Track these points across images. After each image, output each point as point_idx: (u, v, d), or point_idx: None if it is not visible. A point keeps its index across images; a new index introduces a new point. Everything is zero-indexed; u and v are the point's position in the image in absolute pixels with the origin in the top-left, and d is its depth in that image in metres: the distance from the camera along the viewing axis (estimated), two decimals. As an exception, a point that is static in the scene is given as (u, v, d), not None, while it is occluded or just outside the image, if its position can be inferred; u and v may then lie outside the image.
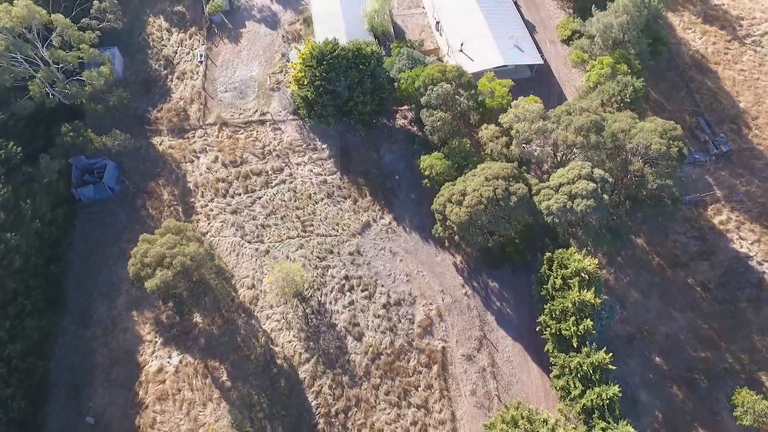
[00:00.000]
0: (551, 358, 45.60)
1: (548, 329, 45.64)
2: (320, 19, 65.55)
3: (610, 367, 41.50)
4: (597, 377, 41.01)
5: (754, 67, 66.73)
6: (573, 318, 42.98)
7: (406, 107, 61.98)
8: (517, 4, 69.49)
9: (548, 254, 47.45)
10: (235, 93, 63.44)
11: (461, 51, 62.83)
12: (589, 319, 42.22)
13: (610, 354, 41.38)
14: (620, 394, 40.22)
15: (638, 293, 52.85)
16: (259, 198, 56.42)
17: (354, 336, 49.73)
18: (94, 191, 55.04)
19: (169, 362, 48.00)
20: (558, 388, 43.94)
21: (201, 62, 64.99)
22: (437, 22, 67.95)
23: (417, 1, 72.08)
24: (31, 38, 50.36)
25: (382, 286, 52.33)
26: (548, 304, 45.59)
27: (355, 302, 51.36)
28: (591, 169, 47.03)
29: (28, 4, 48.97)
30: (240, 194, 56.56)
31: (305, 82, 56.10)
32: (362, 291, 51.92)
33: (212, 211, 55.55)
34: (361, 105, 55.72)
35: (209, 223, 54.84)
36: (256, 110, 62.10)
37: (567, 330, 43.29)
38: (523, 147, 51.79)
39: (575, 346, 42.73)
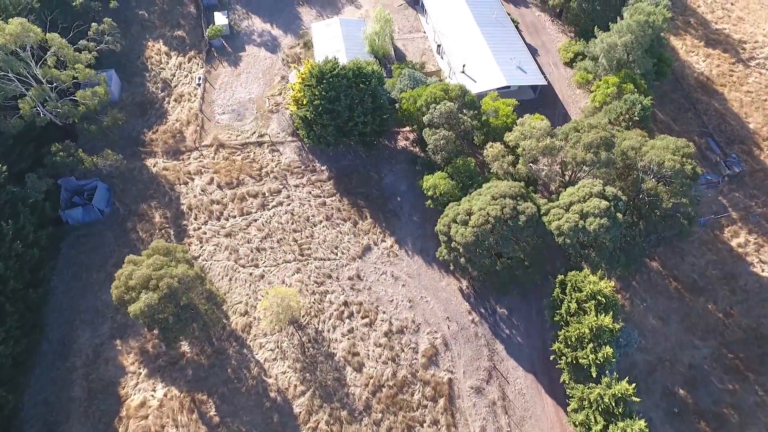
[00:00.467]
0: (568, 390, 41.99)
1: (563, 358, 42.25)
2: (321, 42, 65.06)
3: (634, 399, 37.90)
4: (620, 411, 37.37)
5: (761, 89, 65.75)
6: (591, 345, 39.69)
7: (407, 128, 60.50)
8: (518, 29, 69.16)
9: (561, 277, 44.60)
10: (233, 115, 62.11)
11: (463, 72, 61.92)
12: (608, 346, 38.93)
13: (633, 384, 37.87)
14: (647, 430, 36.46)
15: (656, 320, 49.65)
16: (255, 220, 53.98)
17: (353, 367, 46.18)
18: (83, 213, 52.67)
19: (152, 395, 44.28)
20: (577, 423, 40.10)
21: (199, 85, 64.01)
22: (438, 46, 67.48)
23: (417, 25, 72.01)
24: (23, 56, 49.17)
25: (384, 312, 49.16)
26: (563, 331, 42.38)
27: (354, 330, 48.06)
28: (603, 187, 44.87)
29: (22, 22, 48.03)
30: (235, 217, 54.18)
31: (304, 102, 54.73)
32: (362, 318, 48.72)
33: (205, 234, 52.99)
34: (361, 125, 54.10)
35: (202, 247, 52.16)
36: (254, 132, 60.55)
37: (584, 358, 39.92)
38: (530, 166, 49.84)
39: (594, 376, 39.25)
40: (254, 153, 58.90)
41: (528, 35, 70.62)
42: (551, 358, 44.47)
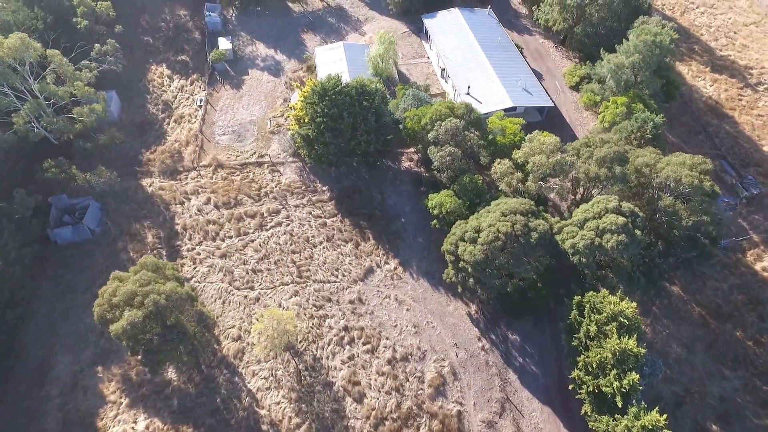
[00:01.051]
0: (591, 424, 38.01)
1: (584, 387, 38.53)
2: (324, 65, 64.62)
3: (666, 432, 34.08)
4: (651, 445, 33.47)
5: (772, 112, 64.52)
6: (614, 371, 36.14)
7: (411, 149, 58.96)
8: (522, 54, 68.83)
9: (577, 298, 41.51)
10: (233, 136, 60.82)
11: (468, 94, 60.96)
12: (634, 372, 35.39)
13: (665, 415, 34.06)
14: (683, 467, 32.48)
15: (680, 348, 46.06)
16: (252, 241, 51.48)
17: (354, 397, 42.39)
18: (72, 233, 50.31)
19: (133, 428, 40.39)
20: (601, 460, 35.99)
21: (200, 106, 63.13)
22: (442, 69, 67.03)
23: (421, 51, 71.94)
24: (21, 71, 48.25)
25: (387, 338, 45.76)
26: (582, 356, 38.90)
27: (355, 357, 44.54)
28: (618, 203, 42.53)
29: (22, 37, 47.45)
30: (231, 237, 51.72)
31: (306, 120, 53.41)
32: (364, 344, 45.28)
33: (199, 254, 50.40)
34: (364, 143, 52.51)
35: (195, 268, 49.44)
36: (254, 152, 59.04)
37: (608, 386, 36.27)
38: (540, 184, 47.69)
39: (620, 406, 35.49)
40: (254, 173, 57.12)
41: (532, 61, 70.28)
42: (570, 387, 40.75)
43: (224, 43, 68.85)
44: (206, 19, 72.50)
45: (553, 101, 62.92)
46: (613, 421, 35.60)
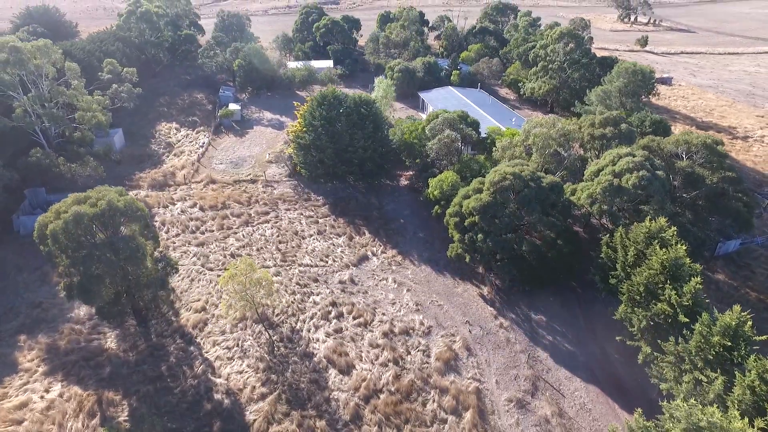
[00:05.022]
0: (654, 367, 28.32)
1: (636, 323, 29.94)
2: (325, 115, 67.75)
3: (757, 338, 25.08)
4: (742, 353, 24.31)
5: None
6: (668, 287, 28.54)
7: (410, 173, 57.68)
8: (513, 116, 72.85)
9: (606, 238, 35.38)
10: (230, 165, 60.32)
11: (464, 130, 62.36)
12: (694, 279, 27.89)
13: (747, 312, 25.46)
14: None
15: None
16: (235, 233, 46.55)
17: (339, 368, 32.70)
18: (40, 223, 45.86)
19: (42, 397, 30.21)
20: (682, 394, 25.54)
21: (202, 146, 64.20)
22: (439, 122, 69.93)
23: (418, 117, 76.17)
24: (34, 69, 50.52)
25: (383, 314, 37.55)
26: (625, 285, 31.20)
27: (343, 330, 35.86)
28: (631, 151, 39.65)
29: (47, 42, 51.16)
30: (213, 231, 46.94)
31: (303, 131, 53.70)
32: (354, 318, 36.95)
33: (174, 243, 45.06)
34: (361, 150, 51.79)
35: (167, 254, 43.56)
36: (249, 174, 57.74)
37: (663, 306, 28.17)
38: (546, 166, 45.34)
39: (685, 321, 26.99)
40: (246, 188, 54.86)
41: (524, 123, 73.85)
42: (618, 339, 31.70)
43: (233, 106, 73.64)
44: (220, 93, 79.08)
45: (548, 139, 63.87)
46: (681, 342, 26.56)
